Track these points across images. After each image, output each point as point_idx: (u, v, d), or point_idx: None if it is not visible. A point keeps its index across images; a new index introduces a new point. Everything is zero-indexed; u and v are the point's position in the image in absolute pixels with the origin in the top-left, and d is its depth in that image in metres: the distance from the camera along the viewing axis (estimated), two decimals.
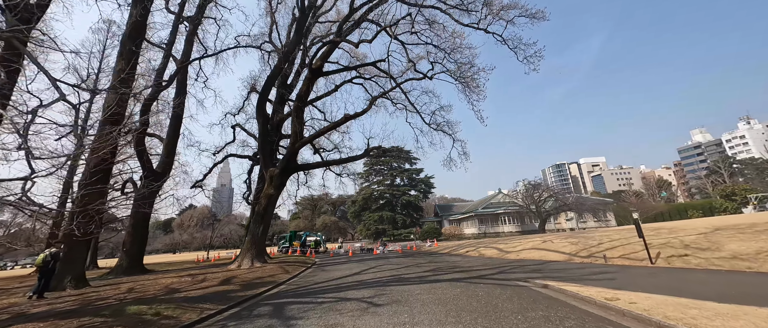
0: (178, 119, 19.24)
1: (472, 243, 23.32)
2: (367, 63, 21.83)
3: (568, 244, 13.56)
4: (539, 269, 9.95)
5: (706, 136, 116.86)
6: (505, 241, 19.49)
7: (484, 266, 11.89)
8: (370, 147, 21.84)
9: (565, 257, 11.95)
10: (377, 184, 56.40)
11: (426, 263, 13.88)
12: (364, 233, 53.92)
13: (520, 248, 15.41)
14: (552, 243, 14.63)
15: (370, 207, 55.79)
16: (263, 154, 16.48)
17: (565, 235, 16.69)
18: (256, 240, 15.47)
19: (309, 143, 19.35)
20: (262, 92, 16.18)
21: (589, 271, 8.82)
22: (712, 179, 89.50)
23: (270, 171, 16.32)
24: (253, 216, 16.16)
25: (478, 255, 16.41)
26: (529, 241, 16.84)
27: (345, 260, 18.65)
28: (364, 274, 11.32)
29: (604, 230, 23.57)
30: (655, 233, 12.93)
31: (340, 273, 12.11)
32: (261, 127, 16.24)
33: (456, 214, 51.51)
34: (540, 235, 19.98)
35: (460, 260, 14.54)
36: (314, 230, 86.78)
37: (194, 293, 8.16)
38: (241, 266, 14.56)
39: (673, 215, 37.57)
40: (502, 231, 40.68)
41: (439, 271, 10.97)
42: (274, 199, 16.21)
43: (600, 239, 13.11)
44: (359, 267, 13.75)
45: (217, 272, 12.92)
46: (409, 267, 12.59)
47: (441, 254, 19.80)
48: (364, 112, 16.71)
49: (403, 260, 16.00)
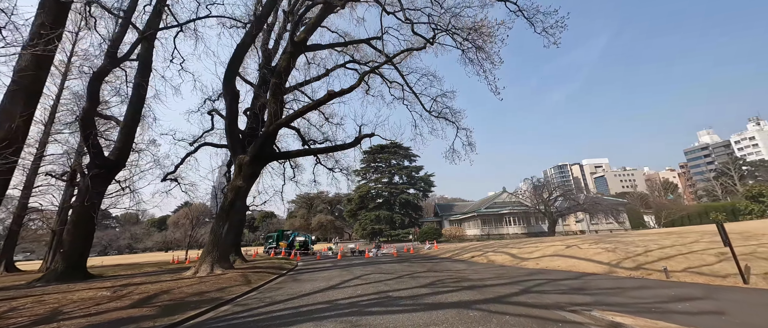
0: (140, 100, 16.52)
1: (476, 246, 20.61)
2: (359, 40, 19.16)
3: (602, 250, 10.85)
4: (580, 287, 7.24)
5: (713, 137, 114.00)
6: (516, 244, 16.79)
7: (498, 278, 9.19)
8: (362, 134, 19.16)
9: (603, 269, 9.24)
10: (374, 182, 53.72)
11: (424, 272, 11.19)
12: (359, 233, 51.24)
13: (539, 254, 12.70)
14: (579, 249, 11.92)
15: (366, 206, 53.10)
16: (231, 139, 13.81)
17: (592, 238, 13.99)
18: (220, 241, 12.79)
19: (287, 126, 16.69)
20: (230, 63, 13.51)
21: (658, 293, 6.12)
22: (722, 180, 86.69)
23: (239, 159, 13.63)
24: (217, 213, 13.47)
25: (487, 262, 13.71)
26: (548, 245, 14.14)
27: (330, 265, 15.97)
28: (343, 288, 8.63)
29: (625, 234, 20.85)
30: (710, 236, 10.21)
31: (313, 285, 9.43)
32: (229, 106, 13.57)
33: (457, 214, 48.81)
34: (560, 238, 17.27)
35: (466, 269, 11.84)
36: (310, 230, 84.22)
37: (77, 323, 5.48)
38: (198, 273, 11.88)
39: (693, 218, 34.84)
40: (506, 233, 37.99)
41: (440, 286, 8.28)
42: (243, 192, 13.54)
43: (644, 245, 10.40)
44: (341, 276, 11.06)
45: (165, 280, 10.27)
46: (402, 278, 9.89)
47: (442, 258, 17.11)
48: (352, 89, 14.02)
49: (396, 267, 13.32)
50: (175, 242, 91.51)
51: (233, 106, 13.58)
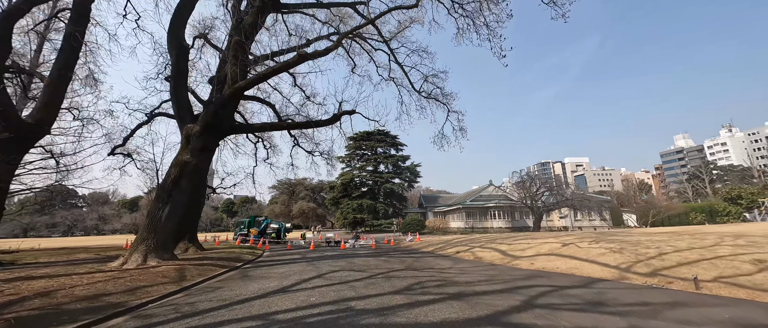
0: (73, 54, 13.55)
1: (461, 240, 19.20)
2: (340, 2, 16.76)
3: (606, 251, 9.44)
4: (597, 300, 5.65)
5: (688, 142, 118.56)
6: (505, 240, 15.41)
7: (490, 282, 7.56)
8: (342, 111, 17.08)
9: (612, 273, 7.78)
10: (359, 169, 51.67)
11: (402, 271, 9.46)
12: (341, 222, 49.44)
13: (532, 252, 11.24)
14: (578, 248, 10.51)
15: (350, 194, 51.15)
16: (177, 104, 11.38)
17: (590, 236, 12.69)
18: (159, 227, 10.53)
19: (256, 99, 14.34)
20: (178, 9, 10.93)
21: (708, 315, 4.57)
22: (693, 183, 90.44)
23: (186, 129, 11.26)
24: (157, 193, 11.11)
25: (474, 259, 12.16)
26: (540, 242, 12.75)
27: (298, 257, 14.03)
28: (295, 292, 6.75)
29: (626, 233, 20.04)
30: (732, 238, 8.97)
31: (261, 286, 7.50)
32: (175, 64, 11.08)
33: (442, 206, 47.79)
34: (553, 235, 16.00)
35: (451, 267, 10.21)
36: (291, 217, 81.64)
37: None
38: (126, 265, 9.66)
39: (672, 218, 35.16)
40: (491, 226, 37.21)
41: (419, 291, 6.55)
42: (191, 169, 11.23)
43: (655, 246, 9.04)
44: (302, 274, 9.16)
45: (77, 273, 8.06)
46: (374, 279, 8.10)
47: (424, 253, 15.53)
48: (328, 52, 11.83)
49: (371, 262, 11.55)
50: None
51: (180, 63, 11.09)
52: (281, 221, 28.23)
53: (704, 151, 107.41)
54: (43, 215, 77.60)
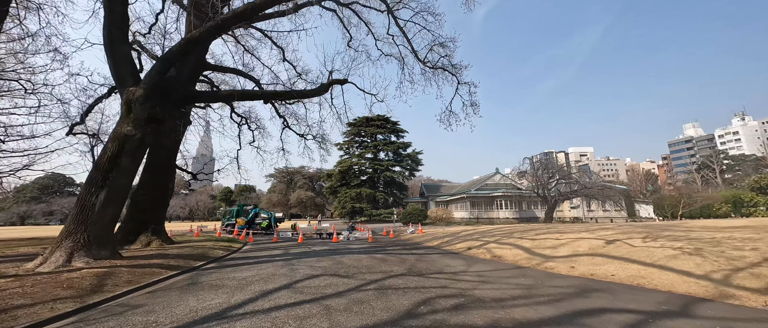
0: None
1: (470, 233, 16.92)
2: None
3: (677, 252, 7.06)
4: None
5: (698, 131, 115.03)
6: (525, 233, 13.08)
7: (529, 298, 5.22)
8: (333, 80, 14.59)
9: (706, 288, 5.41)
10: (358, 157, 49.23)
11: (402, 277, 7.15)
12: (339, 211, 47.39)
13: (567, 252, 8.90)
14: (630, 247, 8.14)
15: (348, 182, 48.93)
16: (112, 61, 8.84)
17: (637, 231, 10.34)
18: (92, 218, 8.20)
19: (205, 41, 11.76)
20: None
21: None
22: (703, 173, 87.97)
23: (127, 93, 8.76)
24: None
25: (492, 258, 9.83)
26: (572, 237, 10.40)
27: (278, 254, 11.76)
28: (234, 322, 4.42)
29: (676, 225, 17.71)
30: None
31: (199, 303, 5.19)
32: (108, 7, 8.48)
33: (444, 195, 45.56)
34: (582, 228, 13.63)
35: (465, 271, 7.89)
36: (288, 206, 79.80)
37: None
38: (42, 267, 7.37)
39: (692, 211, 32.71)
40: (497, 217, 35.00)
41: (429, 321, 4.21)
42: (134, 145, 8.81)
43: (752, 247, 6.65)
44: (266, 282, 6.84)
45: None
46: (362, 293, 5.78)
47: (428, 248, 13.25)
48: None
49: (364, 262, 9.25)
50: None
51: (115, 5, 8.48)
52: (273, 211, 25.95)
53: (715, 141, 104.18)
54: (40, 203, 75.86)
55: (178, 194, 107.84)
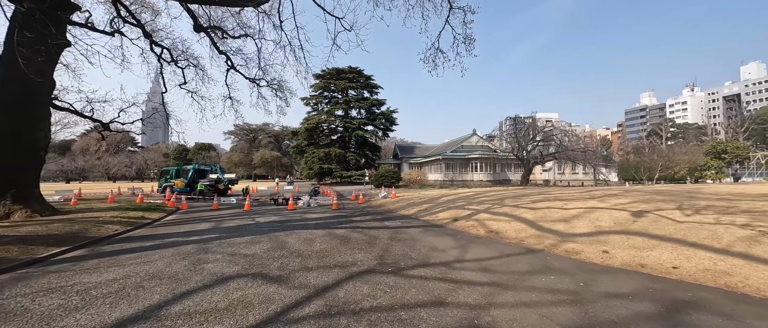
0: None
1: (451, 198, 14.87)
2: None
3: (755, 232, 5.14)
4: None
5: (652, 100, 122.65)
6: (518, 200, 11.09)
7: None
8: None
9: None
10: (327, 114, 44.65)
11: (367, 276, 4.53)
12: (306, 173, 43.98)
13: (588, 229, 6.83)
14: (675, 223, 6.18)
15: (316, 142, 44.92)
16: None
17: (661, 199, 8.58)
18: None
19: None
20: None
21: None
22: (651, 140, 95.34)
23: None
24: None
25: (487, 234, 7.60)
26: (580, 206, 8.45)
27: (204, 228, 8.63)
28: None
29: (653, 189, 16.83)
30: None
31: None
32: None
33: (419, 157, 43.69)
34: (582, 191, 11.90)
35: (461, 259, 5.49)
36: (252, 166, 74.18)
37: None
38: None
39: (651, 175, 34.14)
40: (471, 179, 34.03)
41: None
42: None
43: None
44: (123, 300, 3.84)
45: None
46: (297, 311, 2.99)
47: (404, 218, 10.88)
48: None
49: (316, 244, 6.54)
50: (80, 171, 75.59)
51: None
52: (223, 171, 21.88)
53: (665, 110, 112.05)
54: None
55: (123, 151, 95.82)
